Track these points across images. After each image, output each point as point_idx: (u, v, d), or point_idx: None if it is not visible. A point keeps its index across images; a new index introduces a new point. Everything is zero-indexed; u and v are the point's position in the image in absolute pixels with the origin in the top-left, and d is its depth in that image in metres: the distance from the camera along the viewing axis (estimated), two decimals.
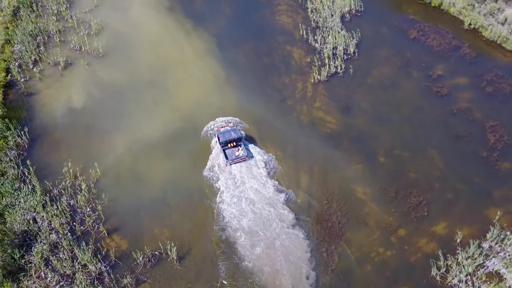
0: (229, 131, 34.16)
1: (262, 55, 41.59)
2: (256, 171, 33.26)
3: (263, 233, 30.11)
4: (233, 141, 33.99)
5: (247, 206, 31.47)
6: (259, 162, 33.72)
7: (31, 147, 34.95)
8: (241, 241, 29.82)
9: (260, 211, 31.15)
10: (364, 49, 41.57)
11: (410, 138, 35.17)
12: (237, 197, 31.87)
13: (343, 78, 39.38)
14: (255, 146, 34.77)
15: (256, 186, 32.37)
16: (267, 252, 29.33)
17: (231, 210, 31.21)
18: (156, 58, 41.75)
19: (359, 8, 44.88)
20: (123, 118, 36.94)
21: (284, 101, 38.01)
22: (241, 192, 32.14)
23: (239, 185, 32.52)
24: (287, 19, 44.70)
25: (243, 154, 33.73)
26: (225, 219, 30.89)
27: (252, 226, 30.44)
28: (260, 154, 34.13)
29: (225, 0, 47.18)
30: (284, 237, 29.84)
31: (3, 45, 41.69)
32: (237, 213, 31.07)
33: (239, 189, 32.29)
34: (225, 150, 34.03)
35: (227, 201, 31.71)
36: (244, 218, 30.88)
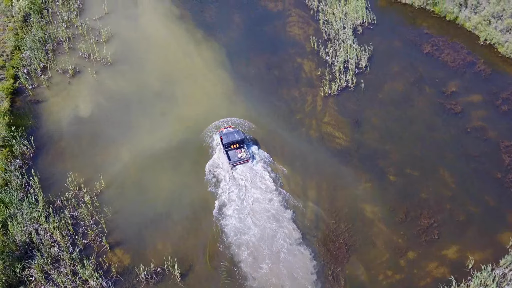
0: (232, 133, 34.22)
1: (273, 67, 40.98)
2: (262, 185, 32.61)
3: (268, 250, 29.41)
4: (236, 143, 34.03)
5: (252, 222, 30.79)
6: (266, 176, 33.10)
7: (36, 156, 34.62)
8: (246, 258, 29.12)
9: (265, 227, 30.46)
10: (376, 63, 40.77)
11: (421, 157, 34.25)
12: (241, 211, 31.24)
13: (354, 93, 38.60)
14: (264, 157, 34.12)
15: (262, 201, 31.71)
16: (271, 271, 28.59)
17: (235, 225, 30.55)
18: (165, 67, 41.35)
19: (371, 20, 44.12)
20: (129, 128, 36.51)
21: (293, 114, 37.32)
22: (245, 207, 31.51)
23: (244, 199, 31.89)
24: (299, 31, 44.07)
25: (246, 156, 33.66)
26: (230, 235, 30.21)
27: (256, 244, 29.72)
28: (267, 170, 33.50)
29: (236, 10, 46.70)
30: (290, 258, 29.09)
31: (13, 52, 41.55)
32: (242, 228, 30.41)
33: (244, 204, 31.66)
34: (228, 151, 33.97)
35: (231, 216, 31.07)
36: (249, 234, 30.20)
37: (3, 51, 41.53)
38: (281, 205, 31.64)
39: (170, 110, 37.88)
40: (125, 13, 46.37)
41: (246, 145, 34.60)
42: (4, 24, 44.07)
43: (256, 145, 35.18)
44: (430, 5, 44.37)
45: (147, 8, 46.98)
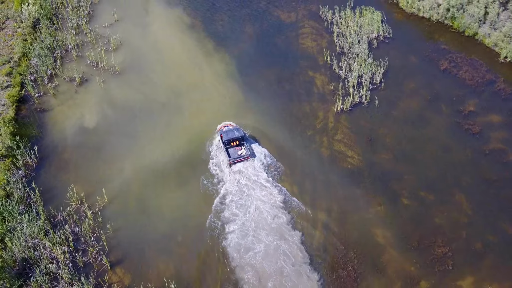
0: (232, 130, 34.27)
1: (283, 80, 39.83)
2: (270, 204, 31.49)
3: (274, 275, 28.23)
4: (236, 140, 34.07)
5: (258, 244, 29.66)
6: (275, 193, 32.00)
7: (39, 167, 33.85)
8: (251, 282, 27.95)
9: (273, 247, 29.32)
10: (391, 79, 39.41)
11: (436, 180, 32.82)
12: (247, 231, 30.16)
13: (367, 109, 37.28)
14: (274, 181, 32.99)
15: (269, 221, 30.61)
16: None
17: (240, 244, 29.48)
18: (174, 78, 40.43)
19: (387, 34, 42.77)
20: (134, 140, 35.60)
21: (303, 131, 36.10)
22: (250, 226, 30.41)
23: (249, 219, 30.81)
24: (311, 43, 42.89)
25: (245, 153, 33.72)
26: (235, 256, 29.09)
27: (263, 267, 28.55)
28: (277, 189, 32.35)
29: (248, 20, 45.67)
30: (296, 280, 27.88)
31: (20, 58, 40.94)
32: (247, 249, 29.30)
33: (250, 225, 30.56)
34: (228, 149, 34.09)
35: (237, 236, 29.96)
36: (255, 256, 29.06)
37: (10, 57, 40.97)
38: (288, 225, 30.46)
39: (176, 121, 36.91)
40: (135, 20, 45.58)
41: (246, 142, 34.43)
42: (13, 30, 43.55)
43: (264, 160, 34.05)
44: (448, 20, 42.89)
45: (158, 16, 46.15)
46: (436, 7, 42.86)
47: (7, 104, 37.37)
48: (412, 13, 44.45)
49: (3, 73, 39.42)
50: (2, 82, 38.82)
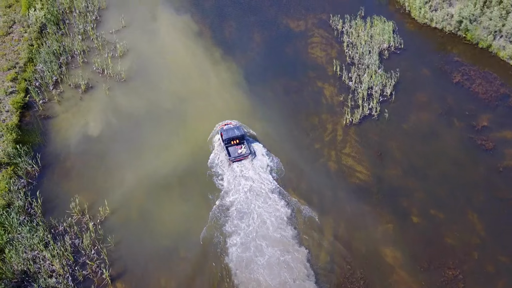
0: (233, 129, 34.20)
1: (291, 91, 39.01)
2: (276, 219, 30.66)
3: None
4: (236, 139, 33.91)
5: (262, 260, 28.83)
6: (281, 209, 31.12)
7: (42, 175, 33.29)
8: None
9: (277, 265, 28.47)
10: (402, 91, 38.45)
11: (447, 197, 31.78)
12: (250, 245, 29.40)
13: (377, 122, 36.35)
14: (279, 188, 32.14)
15: (275, 236, 29.79)
16: None
17: (243, 258, 28.70)
18: (179, 86, 39.75)
19: (399, 45, 41.82)
20: (137, 149, 34.94)
21: (311, 143, 35.24)
22: (254, 243, 29.59)
23: (253, 232, 30.04)
24: (321, 53, 42.05)
25: (245, 151, 33.59)
26: (237, 273, 28.26)
27: (266, 281, 27.71)
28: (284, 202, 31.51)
29: (257, 28, 44.95)
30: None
31: (26, 63, 40.51)
32: (249, 262, 28.51)
33: (254, 237, 29.79)
34: (228, 147, 33.91)
35: (240, 250, 29.18)
36: (257, 270, 28.23)
37: (16, 62, 40.54)
38: (294, 240, 29.60)
39: (181, 130, 36.17)
40: (143, 27, 45.03)
41: (246, 141, 34.25)
42: (20, 34, 43.18)
43: (272, 174, 33.23)
44: (461, 31, 41.86)
45: (166, 23, 45.57)
46: (449, 18, 41.86)
47: (11, 111, 36.89)
48: (424, 23, 43.49)
49: (8, 79, 39.00)
50: (7, 88, 38.38)
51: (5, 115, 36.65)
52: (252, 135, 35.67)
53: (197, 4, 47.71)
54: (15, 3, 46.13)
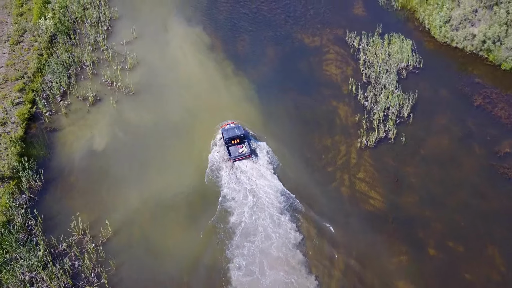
0: (233, 128, 34.31)
1: (304, 109, 37.64)
2: (285, 246, 29.29)
3: None
4: (237, 138, 33.99)
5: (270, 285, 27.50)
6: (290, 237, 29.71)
7: (44, 190, 32.32)
8: None
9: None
10: (420, 113, 36.86)
11: (467, 229, 30.06)
12: (256, 270, 28.14)
13: (393, 146, 34.80)
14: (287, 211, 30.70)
15: (282, 262, 28.42)
16: None
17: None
18: (189, 100, 38.61)
19: (417, 64, 40.27)
20: (143, 166, 33.81)
21: (324, 166, 33.79)
22: (260, 267, 28.27)
23: (259, 260, 28.71)
24: (336, 70, 40.67)
25: (246, 151, 33.58)
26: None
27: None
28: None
29: (271, 42, 43.74)
30: None
31: (34, 74, 39.80)
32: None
33: (261, 264, 28.45)
34: (229, 147, 33.96)
35: (245, 275, 27.85)
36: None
37: (24, 72, 39.85)
38: (303, 268, 28.16)
39: (189, 148, 35.00)
40: (154, 38, 44.12)
41: (247, 140, 34.21)
42: (30, 44, 42.56)
43: (281, 196, 31.83)
44: (483, 51, 40.17)
45: (177, 35, 44.61)
46: (471, 38, 40.23)
47: (17, 122, 36.12)
48: (444, 42, 41.89)
49: (16, 89, 38.29)
50: (14, 99, 37.66)
51: (10, 127, 35.87)
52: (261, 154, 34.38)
53: (211, 16, 46.73)
54: (27, 12, 45.62)
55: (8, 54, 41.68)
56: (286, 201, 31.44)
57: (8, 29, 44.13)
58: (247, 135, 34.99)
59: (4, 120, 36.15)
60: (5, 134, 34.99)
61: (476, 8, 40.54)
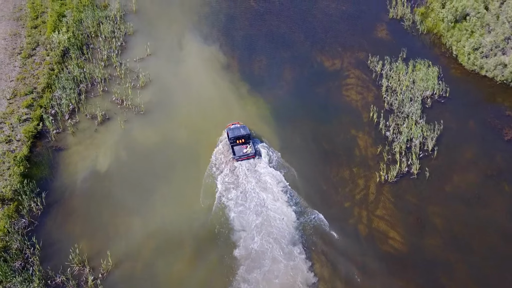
0: (239, 128, 34.59)
1: (321, 137, 35.64)
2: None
3: None
4: (242, 138, 34.16)
5: None
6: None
7: (45, 214, 30.85)
8: None
9: None
10: (446, 146, 34.55)
11: (494, 277, 27.63)
12: None
13: (415, 182, 32.52)
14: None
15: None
16: None
17: None
18: (200, 122, 36.88)
19: (443, 93, 38.00)
20: (147, 193, 32.10)
21: (340, 201, 31.68)
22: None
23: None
24: (356, 96, 38.63)
25: (251, 151, 33.76)
26: None
27: None
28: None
29: (289, 64, 41.92)
30: None
31: (44, 89, 38.67)
32: None
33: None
34: (233, 146, 34.13)
35: None
36: None
37: (34, 87, 38.77)
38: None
39: (197, 174, 33.12)
40: (168, 56, 42.72)
41: (252, 141, 34.48)
42: (42, 57, 41.55)
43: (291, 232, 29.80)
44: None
45: (192, 52, 43.13)
46: (502, 67, 37.85)
47: (22, 140, 34.92)
48: (473, 70, 39.56)
49: (24, 105, 37.20)
50: (21, 115, 36.53)
51: (15, 145, 34.66)
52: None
53: (227, 35, 45.22)
54: (41, 24, 44.70)
55: (19, 67, 40.72)
56: (300, 236, 29.48)
57: (21, 41, 43.28)
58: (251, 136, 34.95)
59: (10, 138, 34.97)
60: (9, 152, 33.73)
61: (509, 35, 38.23)
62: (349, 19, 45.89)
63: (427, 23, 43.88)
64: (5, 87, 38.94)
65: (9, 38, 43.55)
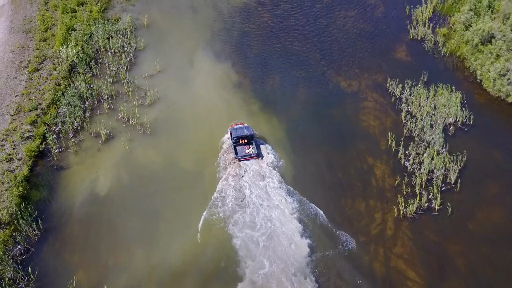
0: (242, 128, 34.55)
1: (336, 165, 33.65)
2: None
3: None
4: (245, 138, 34.18)
5: None
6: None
7: (41, 241, 29.42)
8: None
9: None
10: (469, 179, 32.31)
11: None
12: None
13: (436, 218, 30.31)
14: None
15: None
16: None
17: None
18: (207, 144, 35.21)
19: (467, 120, 35.81)
20: (150, 220, 30.50)
21: (355, 235, 29.59)
22: None
23: None
24: (373, 121, 36.61)
25: (253, 152, 33.75)
26: None
27: None
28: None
29: (303, 84, 40.06)
30: None
31: (49, 105, 37.44)
32: None
33: None
34: (236, 146, 34.09)
35: None
36: None
37: (39, 103, 37.54)
38: None
39: (202, 201, 31.30)
40: (178, 73, 41.17)
41: (254, 142, 34.36)
42: (49, 72, 40.37)
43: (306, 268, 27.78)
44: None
45: (203, 70, 41.55)
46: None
47: (23, 159, 33.60)
48: (498, 97, 37.30)
49: (28, 121, 35.93)
50: (24, 132, 35.25)
51: (16, 164, 33.33)
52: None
53: (240, 52, 43.59)
54: (50, 37, 43.64)
55: (25, 82, 39.57)
56: (312, 271, 27.49)
57: (29, 55, 42.21)
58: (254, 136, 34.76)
59: (11, 156, 33.68)
60: (8, 172, 32.41)
61: None
62: (367, 38, 44.01)
63: (449, 45, 41.79)
64: (9, 102, 37.80)
65: (17, 50, 42.56)
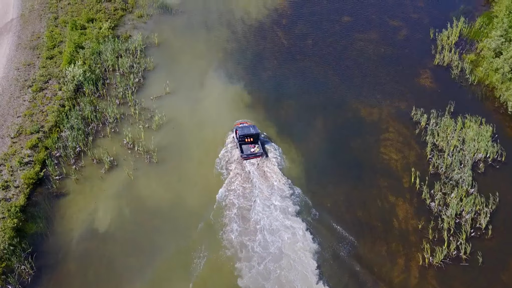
0: (248, 127, 34.46)
1: (355, 203, 31.02)
2: None
3: None
4: (251, 137, 33.90)
5: None
6: None
7: (35, 281, 27.19)
8: None
9: None
10: (502, 223, 29.46)
11: None
12: None
13: (466, 267, 27.43)
14: None
15: None
16: None
17: None
18: (216, 179, 32.64)
19: (498, 156, 33.01)
20: (150, 260, 28.18)
21: (375, 283, 26.82)
22: None
23: None
24: (395, 155, 33.96)
25: (258, 151, 33.61)
26: None
27: None
28: None
29: (320, 111, 37.65)
30: None
31: (51, 128, 35.57)
32: None
33: None
34: (242, 145, 33.85)
35: None
36: None
37: (41, 126, 35.68)
38: None
39: (209, 241, 28.86)
40: (188, 95, 39.10)
41: (260, 141, 34.33)
42: (53, 92, 38.61)
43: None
44: None
45: (215, 92, 39.41)
46: None
47: (21, 187, 31.60)
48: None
49: (28, 145, 34.02)
50: (23, 157, 33.35)
51: (13, 192, 31.35)
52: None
53: (254, 74, 41.46)
54: (57, 55, 42.03)
55: (28, 102, 37.81)
56: None
57: (35, 73, 40.50)
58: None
59: (8, 183, 31.71)
60: (3, 201, 30.41)
61: None
62: (389, 63, 41.55)
63: (477, 72, 39.13)
64: (11, 123, 36.02)
65: (22, 68, 40.96)
